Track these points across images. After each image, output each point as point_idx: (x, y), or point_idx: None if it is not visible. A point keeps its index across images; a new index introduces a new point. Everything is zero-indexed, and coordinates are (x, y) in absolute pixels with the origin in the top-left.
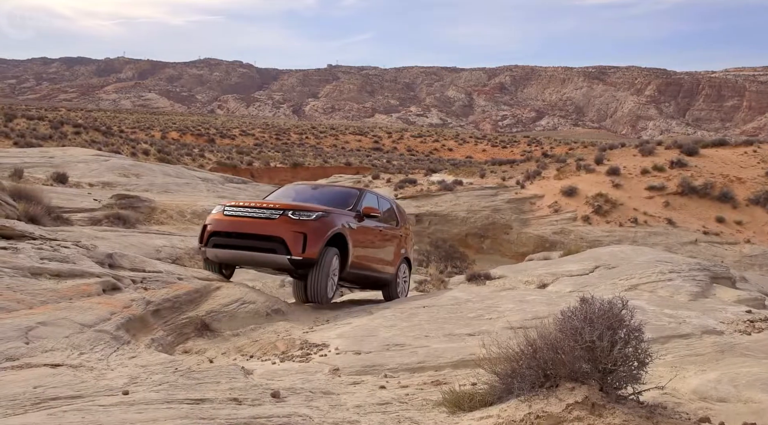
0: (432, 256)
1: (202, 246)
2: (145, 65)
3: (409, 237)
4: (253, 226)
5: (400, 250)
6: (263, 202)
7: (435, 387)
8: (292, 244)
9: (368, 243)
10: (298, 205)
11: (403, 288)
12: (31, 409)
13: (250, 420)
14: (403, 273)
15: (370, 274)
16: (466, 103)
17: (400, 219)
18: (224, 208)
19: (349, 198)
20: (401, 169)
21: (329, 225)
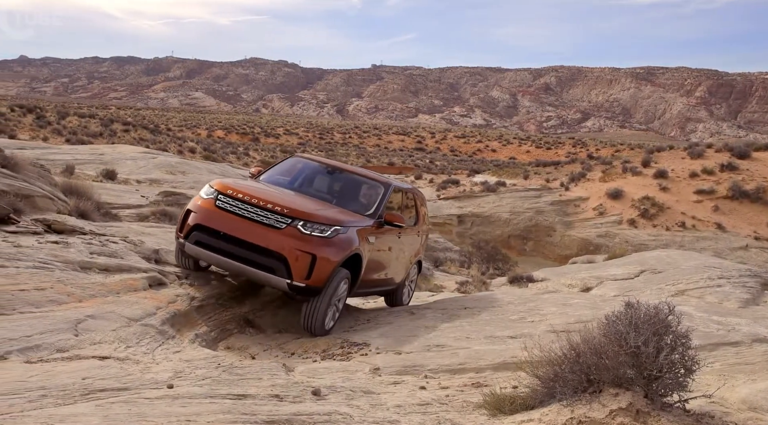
0: (474, 257)
1: (181, 237)
2: (192, 64)
3: (426, 236)
4: (250, 232)
5: (415, 255)
6: (269, 200)
7: (475, 389)
8: (295, 267)
9: (383, 256)
10: (313, 214)
11: (408, 293)
12: (80, 400)
13: (291, 417)
14: (412, 277)
15: (377, 289)
16: (510, 104)
17: (420, 215)
18: (217, 195)
19: (372, 196)
20: (444, 170)
21: (346, 246)
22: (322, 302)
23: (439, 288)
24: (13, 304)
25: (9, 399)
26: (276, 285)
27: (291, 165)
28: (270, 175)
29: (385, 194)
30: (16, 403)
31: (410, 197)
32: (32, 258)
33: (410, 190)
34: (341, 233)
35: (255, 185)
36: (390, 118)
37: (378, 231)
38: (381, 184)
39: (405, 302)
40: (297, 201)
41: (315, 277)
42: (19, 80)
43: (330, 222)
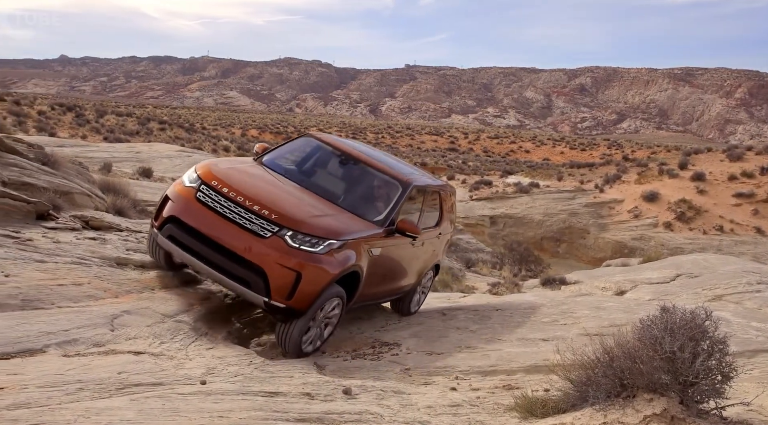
0: (506, 259)
1: (155, 227)
2: (227, 64)
3: (450, 236)
4: (229, 236)
5: (431, 258)
6: (257, 200)
7: (507, 391)
8: (276, 284)
9: (390, 267)
10: (305, 222)
11: (418, 301)
12: (115, 394)
13: (322, 415)
14: (426, 283)
15: (380, 301)
16: (544, 105)
17: (444, 214)
18: (200, 185)
19: (386, 196)
20: (477, 170)
21: (341, 263)
22: (302, 324)
23: (471, 290)
24: (51, 299)
25: (47, 392)
26: (251, 301)
27: (301, 146)
28: (274, 157)
29: (402, 196)
30: (54, 396)
31: (434, 195)
32: (71, 253)
33: (436, 187)
34: (336, 247)
35: (247, 174)
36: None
37: (386, 241)
38: (399, 183)
39: (413, 310)
40: (291, 202)
41: (298, 298)
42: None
43: (324, 234)
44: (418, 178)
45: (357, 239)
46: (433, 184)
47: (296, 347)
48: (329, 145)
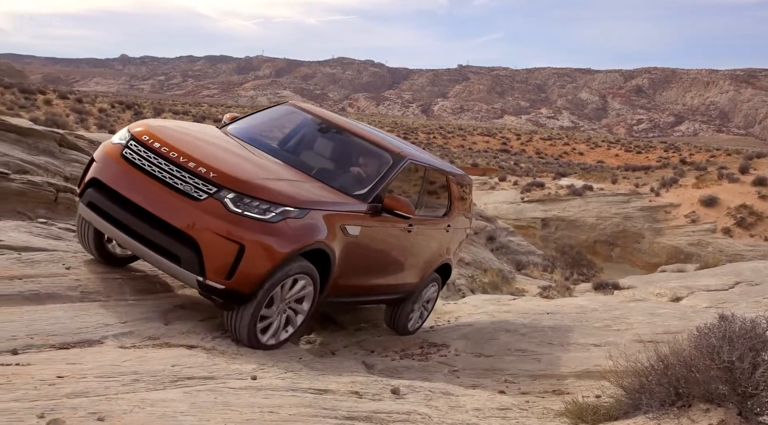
0: (557, 262)
1: (78, 193)
2: (281, 64)
3: (463, 233)
4: (156, 200)
5: (436, 255)
6: (195, 156)
7: (557, 396)
8: (211, 259)
9: (376, 255)
10: (252, 183)
11: (419, 315)
12: (169, 386)
13: (370, 414)
14: (430, 293)
15: (367, 298)
16: (599, 106)
17: (454, 203)
18: (129, 140)
19: (372, 169)
20: (529, 172)
21: (300, 237)
22: (253, 310)
23: (521, 292)
24: (108, 292)
25: (105, 382)
26: (184, 281)
27: (277, 115)
28: (243, 124)
29: (392, 170)
30: (111, 386)
31: (440, 179)
32: None
33: (442, 170)
34: (294, 217)
35: (195, 134)
36: (475, 119)
37: (370, 221)
38: (390, 155)
39: (410, 328)
40: (239, 162)
41: (241, 278)
42: (119, 78)
43: (277, 199)
44: (416, 154)
45: (326, 211)
46: (439, 166)
47: (252, 338)
48: (310, 114)
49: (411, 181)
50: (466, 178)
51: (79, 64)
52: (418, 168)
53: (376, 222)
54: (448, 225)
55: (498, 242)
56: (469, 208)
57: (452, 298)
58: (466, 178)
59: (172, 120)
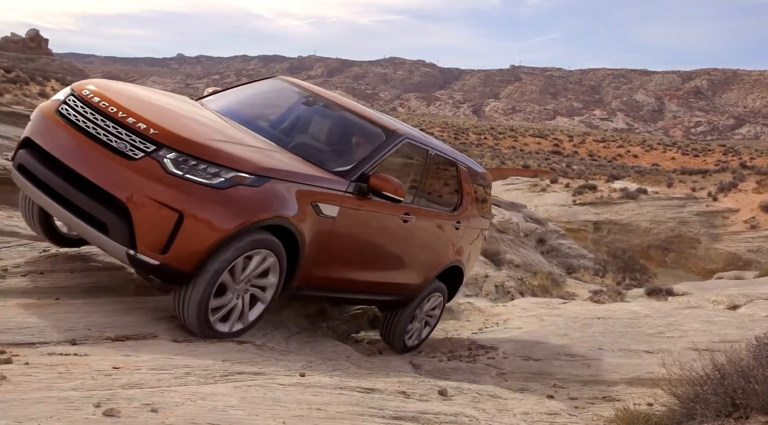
0: (609, 266)
1: (12, 156)
2: (333, 63)
3: (477, 236)
4: (86, 159)
5: (441, 255)
6: (134, 111)
7: (607, 402)
8: (144, 229)
9: (361, 244)
10: (197, 142)
11: (420, 327)
12: (220, 380)
13: (417, 414)
14: (433, 301)
15: (350, 296)
16: (655, 108)
17: (466, 197)
18: (68, 95)
19: (362, 146)
20: (581, 174)
21: (252, 211)
22: (193, 290)
23: (571, 296)
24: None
25: (158, 374)
26: (112, 254)
27: (263, 88)
28: (222, 98)
29: (384, 147)
30: (164, 378)
31: (448, 168)
32: None
33: (450, 157)
34: (249, 184)
35: (151, 96)
36: (527, 120)
37: (354, 202)
38: (381, 130)
39: (409, 343)
40: (190, 122)
41: (178, 252)
42: (175, 77)
43: (228, 161)
44: (416, 134)
45: (293, 184)
46: (447, 153)
47: (204, 327)
48: (297, 87)
49: (410, 166)
50: (485, 176)
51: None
52: (418, 150)
53: (361, 205)
54: (458, 222)
55: (548, 245)
56: (489, 209)
57: (501, 301)
58: (486, 176)
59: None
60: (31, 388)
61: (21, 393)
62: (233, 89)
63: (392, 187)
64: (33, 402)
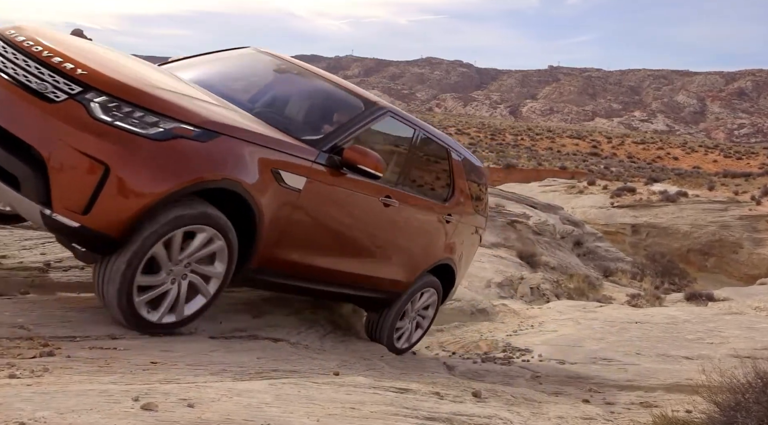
0: (647, 270)
1: None
2: (370, 63)
3: (471, 233)
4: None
5: (428, 249)
6: (63, 53)
7: (644, 408)
8: (60, 183)
9: (335, 226)
10: (136, 86)
11: (411, 330)
12: (255, 377)
13: (451, 415)
14: (425, 301)
15: (323, 288)
16: (697, 110)
17: (457, 188)
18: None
19: (338, 115)
20: (619, 176)
21: (197, 168)
22: (116, 262)
23: (608, 300)
24: None
25: (194, 370)
26: (25, 215)
27: (232, 56)
28: (186, 61)
29: (361, 119)
30: (200, 374)
31: (439, 153)
32: None
33: (442, 141)
34: (193, 138)
35: (93, 45)
36: (565, 121)
37: (324, 175)
38: (360, 101)
39: (399, 345)
40: (126, 70)
41: (102, 212)
42: None
43: (169, 110)
44: (402, 112)
45: (249, 144)
46: (438, 137)
47: (128, 313)
48: (271, 56)
49: (393, 146)
50: (481, 171)
51: None
52: (403, 129)
53: (334, 180)
54: (449, 214)
55: (585, 247)
56: (485, 207)
57: (536, 303)
58: (482, 171)
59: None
60: (72, 381)
61: (62, 386)
62: (202, 56)
63: (370, 160)
64: (74, 395)
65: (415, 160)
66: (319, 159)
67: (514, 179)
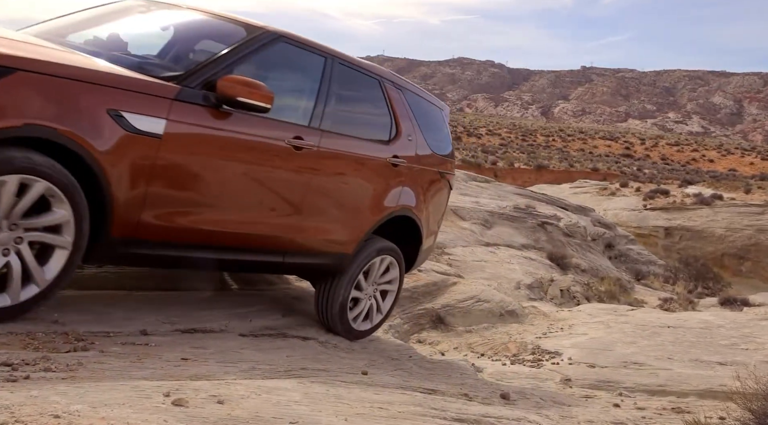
0: (680, 274)
1: None
2: (401, 63)
3: (424, 176)
4: None
5: (374, 202)
6: None
7: (676, 414)
8: None
9: (231, 181)
10: None
11: (374, 309)
12: (283, 375)
13: (479, 417)
14: (384, 266)
15: (226, 257)
16: (733, 111)
17: (403, 124)
18: None
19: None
20: (653, 179)
21: None
22: None
23: (640, 303)
24: (230, 281)
25: (224, 367)
26: None
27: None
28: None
29: (244, 48)
30: (230, 371)
31: (369, 87)
32: None
33: (369, 73)
34: None
35: None
36: (597, 122)
37: (197, 116)
38: (241, 28)
39: (355, 324)
40: None
41: None
42: None
43: None
44: (305, 37)
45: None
46: (365, 66)
47: None
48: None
49: (297, 77)
50: (436, 105)
51: None
52: (310, 59)
53: (212, 121)
54: (395, 156)
55: (617, 250)
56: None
57: (566, 305)
58: (437, 105)
59: None
60: (105, 375)
61: (96, 380)
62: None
63: (251, 91)
64: (107, 389)
65: (332, 94)
66: (183, 96)
67: (545, 180)
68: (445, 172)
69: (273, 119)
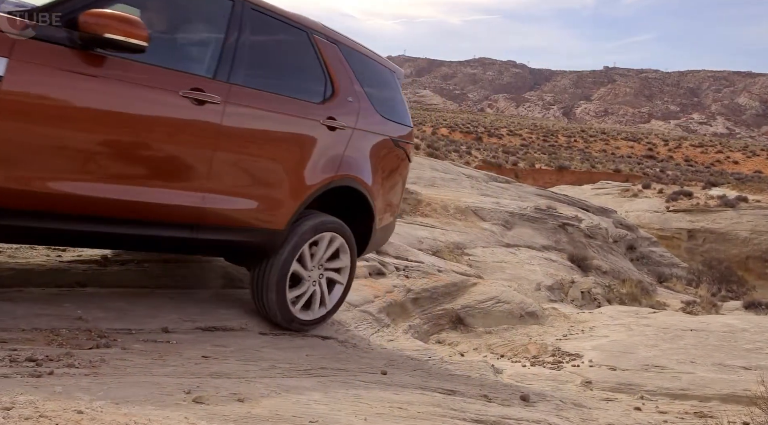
0: (703, 277)
1: None
2: (422, 63)
3: (371, 141)
4: None
5: (306, 170)
6: None
7: (698, 418)
8: None
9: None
10: None
11: (320, 295)
12: (303, 374)
13: (499, 419)
14: (325, 244)
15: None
16: (759, 112)
17: (341, 83)
18: None
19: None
20: (676, 180)
21: None
22: None
23: (662, 306)
24: (243, 282)
25: (244, 365)
26: None
27: None
28: None
29: None
30: (250, 369)
31: (295, 38)
32: None
33: (292, 22)
34: None
35: None
36: (619, 123)
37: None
38: None
39: (295, 311)
40: None
41: None
42: None
43: None
44: None
45: None
46: (287, 15)
47: None
48: None
49: (195, 20)
50: (382, 64)
51: None
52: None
53: (78, 65)
54: (332, 118)
55: (638, 252)
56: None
57: (587, 307)
58: (384, 64)
59: None
60: (127, 372)
61: (118, 377)
62: None
63: (121, 25)
64: (129, 386)
65: (243, 45)
66: (30, 32)
67: (566, 181)
68: (400, 140)
69: (163, 67)
